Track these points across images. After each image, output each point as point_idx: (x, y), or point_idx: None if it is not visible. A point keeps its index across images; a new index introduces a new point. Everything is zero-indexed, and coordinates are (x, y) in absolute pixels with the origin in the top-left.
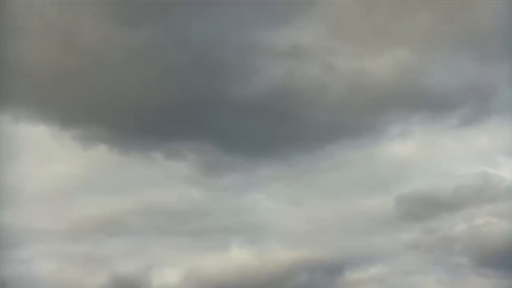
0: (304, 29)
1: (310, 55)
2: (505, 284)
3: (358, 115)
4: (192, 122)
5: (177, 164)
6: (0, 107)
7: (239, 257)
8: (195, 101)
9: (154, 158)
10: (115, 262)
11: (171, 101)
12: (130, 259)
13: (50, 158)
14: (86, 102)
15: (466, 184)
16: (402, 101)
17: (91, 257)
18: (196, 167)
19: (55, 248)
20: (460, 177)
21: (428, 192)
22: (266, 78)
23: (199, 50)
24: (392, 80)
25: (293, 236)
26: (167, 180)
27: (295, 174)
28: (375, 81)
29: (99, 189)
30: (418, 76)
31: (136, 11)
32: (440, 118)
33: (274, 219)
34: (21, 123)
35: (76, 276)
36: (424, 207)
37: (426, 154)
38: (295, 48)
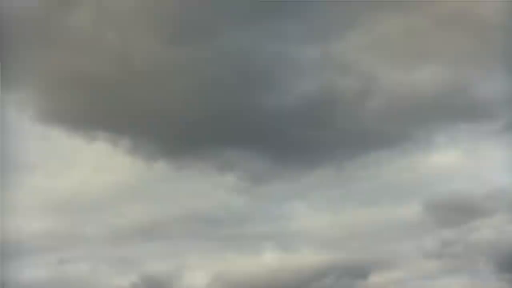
0: (346, 43)
1: (351, 66)
2: None
3: (399, 124)
4: (238, 133)
5: (225, 175)
6: (55, 121)
7: (269, 261)
8: (238, 112)
9: (203, 169)
10: (148, 264)
11: (215, 113)
12: (162, 262)
13: (102, 169)
14: (134, 115)
15: (500, 191)
16: (444, 110)
17: (125, 259)
18: (244, 178)
19: (92, 252)
20: (495, 184)
21: (460, 199)
22: (308, 88)
23: (241, 63)
24: (433, 90)
25: (324, 242)
26: (213, 190)
27: (336, 182)
28: (416, 91)
29: (144, 199)
30: (460, 86)
31: (180, 29)
32: (483, 127)
33: (308, 226)
34: (76, 137)
35: (109, 276)
36: (455, 214)
37: (468, 162)
38: (336, 59)
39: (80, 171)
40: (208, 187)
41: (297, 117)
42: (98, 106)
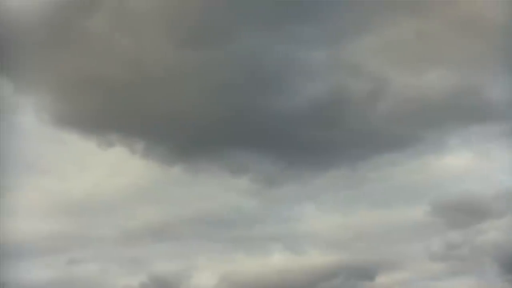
0: (358, 46)
1: (362, 69)
2: None
3: (411, 126)
4: (251, 135)
5: (238, 177)
6: (70, 125)
7: (276, 262)
8: (250, 115)
9: (216, 172)
10: (157, 264)
11: (228, 116)
12: (171, 262)
13: (115, 172)
14: (148, 119)
15: (509, 193)
16: (456, 112)
17: (135, 259)
18: (256, 180)
19: (102, 252)
20: (505, 186)
21: (469, 200)
22: (319, 91)
23: (253, 66)
24: (444, 92)
25: (331, 243)
26: (225, 192)
27: (347, 184)
28: (428, 94)
29: (156, 201)
30: (471, 88)
31: (193, 33)
32: (495, 129)
33: (317, 228)
34: (90, 140)
35: (118, 276)
36: (463, 215)
37: (479, 164)
38: (347, 62)
39: (94, 174)
40: (220, 190)
41: (308, 119)
42: (113, 110)
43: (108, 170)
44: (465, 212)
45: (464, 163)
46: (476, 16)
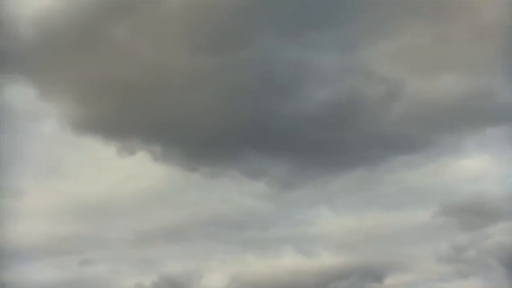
0: (373, 50)
1: (377, 73)
2: None
3: (426, 129)
4: (268, 139)
5: (254, 181)
6: (90, 130)
7: (286, 264)
8: (267, 119)
9: (233, 176)
10: (169, 265)
11: (245, 120)
12: (183, 263)
13: (133, 176)
14: (165, 123)
15: None
16: (471, 115)
17: (147, 260)
18: (273, 184)
19: (115, 253)
20: None
21: (481, 203)
22: (334, 95)
23: (269, 71)
24: (459, 96)
25: (342, 246)
26: (241, 196)
27: (362, 187)
28: (443, 97)
29: (172, 204)
30: (486, 91)
31: (210, 39)
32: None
33: (329, 230)
34: (109, 145)
35: (130, 276)
36: (474, 218)
37: (495, 166)
38: (362, 67)
39: (112, 178)
40: (236, 193)
41: (324, 123)
42: (132, 115)
43: (127, 174)
44: (474, 214)
45: (479, 166)
46: (492, 22)
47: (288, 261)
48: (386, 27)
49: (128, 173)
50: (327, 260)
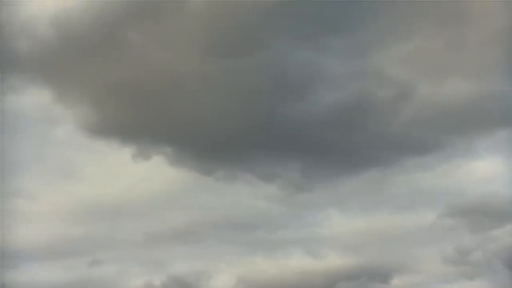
0: (385, 55)
1: (388, 76)
2: None
3: (438, 131)
4: (281, 143)
5: (267, 184)
6: (104, 134)
7: (294, 265)
8: (280, 122)
9: (247, 179)
10: (178, 265)
11: (258, 123)
12: (192, 264)
13: (146, 179)
14: (178, 127)
15: None
16: (482, 117)
17: (157, 261)
18: (285, 187)
19: (126, 254)
20: None
21: (489, 205)
22: (344, 99)
23: (281, 74)
24: (470, 98)
25: (350, 247)
26: (254, 199)
27: (374, 188)
28: (454, 100)
29: (185, 206)
30: (497, 94)
31: (221, 42)
32: None
33: (338, 232)
34: (123, 149)
35: (140, 276)
36: (481, 219)
37: (507, 168)
38: (374, 70)
39: (126, 181)
40: (249, 196)
41: (336, 125)
42: (146, 119)
43: (140, 177)
44: (482, 216)
45: (491, 167)
46: (502, 26)
47: (296, 262)
48: (398, 31)
49: (142, 176)
50: (334, 261)
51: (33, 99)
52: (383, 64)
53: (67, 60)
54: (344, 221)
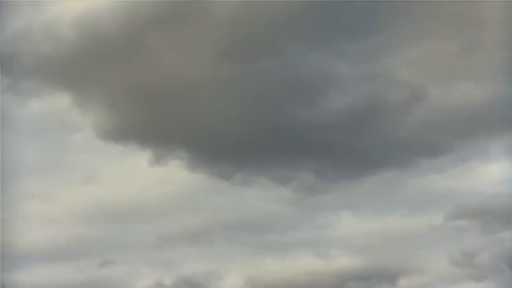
0: (395, 61)
1: (399, 80)
2: None
3: (451, 134)
4: (295, 146)
5: (282, 187)
6: (120, 138)
7: (303, 266)
8: (293, 125)
9: (262, 182)
10: (188, 266)
11: (271, 127)
12: (202, 265)
13: (161, 182)
14: (192, 131)
15: None
16: (497, 120)
17: (166, 262)
18: (299, 190)
19: (136, 255)
20: None
21: (500, 207)
22: (357, 102)
23: (293, 78)
24: (484, 101)
25: (359, 249)
26: (267, 202)
27: (387, 191)
28: (468, 102)
29: (198, 209)
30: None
31: (236, 47)
32: None
33: (348, 234)
34: (139, 153)
35: (149, 276)
36: (491, 221)
37: None
38: (386, 74)
39: (141, 184)
40: (263, 200)
41: (348, 129)
42: (161, 123)
43: (156, 181)
44: (492, 218)
45: (504, 170)
46: None
47: (305, 263)
48: (411, 35)
49: (157, 180)
50: (343, 262)
51: (52, 103)
52: (396, 67)
53: (86, 64)
54: (356, 223)
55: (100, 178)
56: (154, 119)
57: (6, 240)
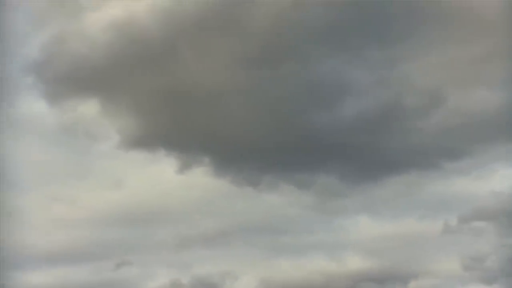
0: (414, 67)
1: (418, 86)
2: None
3: (467, 139)
4: (316, 151)
5: (304, 192)
6: (144, 145)
7: (318, 267)
8: (314, 131)
9: (284, 188)
10: (204, 267)
11: (292, 133)
12: (218, 266)
13: (183, 187)
14: (214, 137)
15: None
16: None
17: (184, 262)
18: (320, 194)
19: (155, 256)
20: None
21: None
22: (375, 108)
23: (314, 82)
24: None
25: (372, 251)
26: (289, 206)
27: (402, 195)
28: (484, 109)
29: (219, 213)
30: None
31: (258, 56)
32: None
33: (362, 237)
34: (162, 160)
35: (167, 276)
36: (505, 224)
37: None
38: (404, 81)
39: (164, 189)
40: (285, 204)
41: (370, 133)
42: (186, 131)
43: (179, 186)
44: (502, 221)
45: None
46: None
47: (318, 265)
48: (430, 42)
49: (181, 185)
50: (356, 264)
51: (81, 109)
52: (415, 73)
53: (116, 70)
54: (372, 226)
55: (125, 183)
56: (180, 125)
57: (29, 242)
